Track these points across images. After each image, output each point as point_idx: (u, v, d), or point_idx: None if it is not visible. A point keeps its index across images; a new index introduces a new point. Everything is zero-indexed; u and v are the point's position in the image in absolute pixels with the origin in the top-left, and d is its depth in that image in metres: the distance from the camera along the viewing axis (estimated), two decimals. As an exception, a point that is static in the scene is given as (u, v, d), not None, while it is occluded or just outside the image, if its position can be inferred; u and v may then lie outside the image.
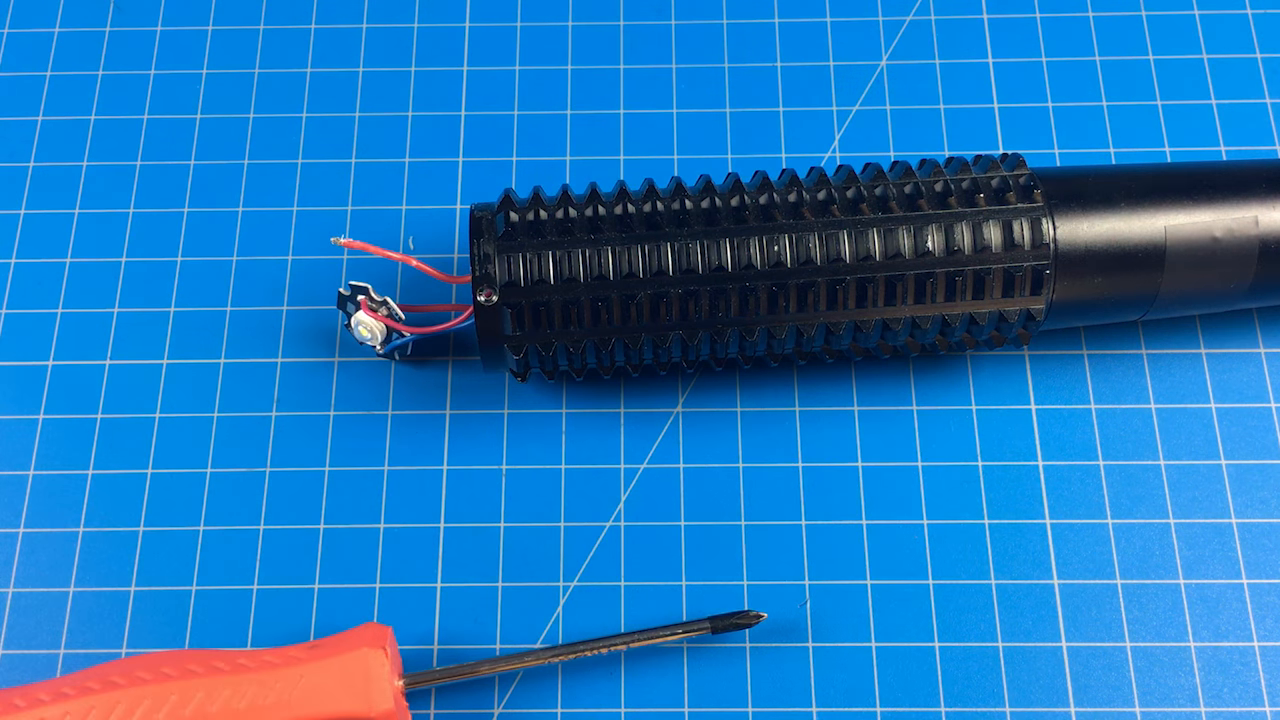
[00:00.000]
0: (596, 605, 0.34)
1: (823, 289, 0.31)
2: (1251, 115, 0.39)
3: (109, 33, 0.41)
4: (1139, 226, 0.32)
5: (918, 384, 0.36)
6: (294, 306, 0.37)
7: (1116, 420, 0.36)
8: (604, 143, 0.39)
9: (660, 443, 0.36)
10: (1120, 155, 0.39)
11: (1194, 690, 0.33)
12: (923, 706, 0.33)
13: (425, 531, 0.35)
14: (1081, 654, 0.33)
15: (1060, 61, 0.40)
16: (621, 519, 0.35)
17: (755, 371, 0.36)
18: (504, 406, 0.36)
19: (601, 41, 0.41)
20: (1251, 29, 0.41)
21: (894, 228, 0.32)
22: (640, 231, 0.31)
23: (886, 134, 0.39)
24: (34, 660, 0.33)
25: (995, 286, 0.32)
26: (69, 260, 0.38)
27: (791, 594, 0.34)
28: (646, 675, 0.33)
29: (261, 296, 0.37)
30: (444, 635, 0.34)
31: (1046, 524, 0.35)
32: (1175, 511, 0.35)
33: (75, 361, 0.37)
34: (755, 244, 0.31)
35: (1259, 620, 0.34)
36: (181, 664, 0.30)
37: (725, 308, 0.32)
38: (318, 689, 0.30)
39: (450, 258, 0.38)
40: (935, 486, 0.35)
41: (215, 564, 0.34)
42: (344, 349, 0.37)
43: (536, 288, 0.31)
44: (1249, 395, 0.36)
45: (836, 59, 0.40)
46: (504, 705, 0.33)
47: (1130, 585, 0.34)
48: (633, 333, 0.32)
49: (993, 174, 0.33)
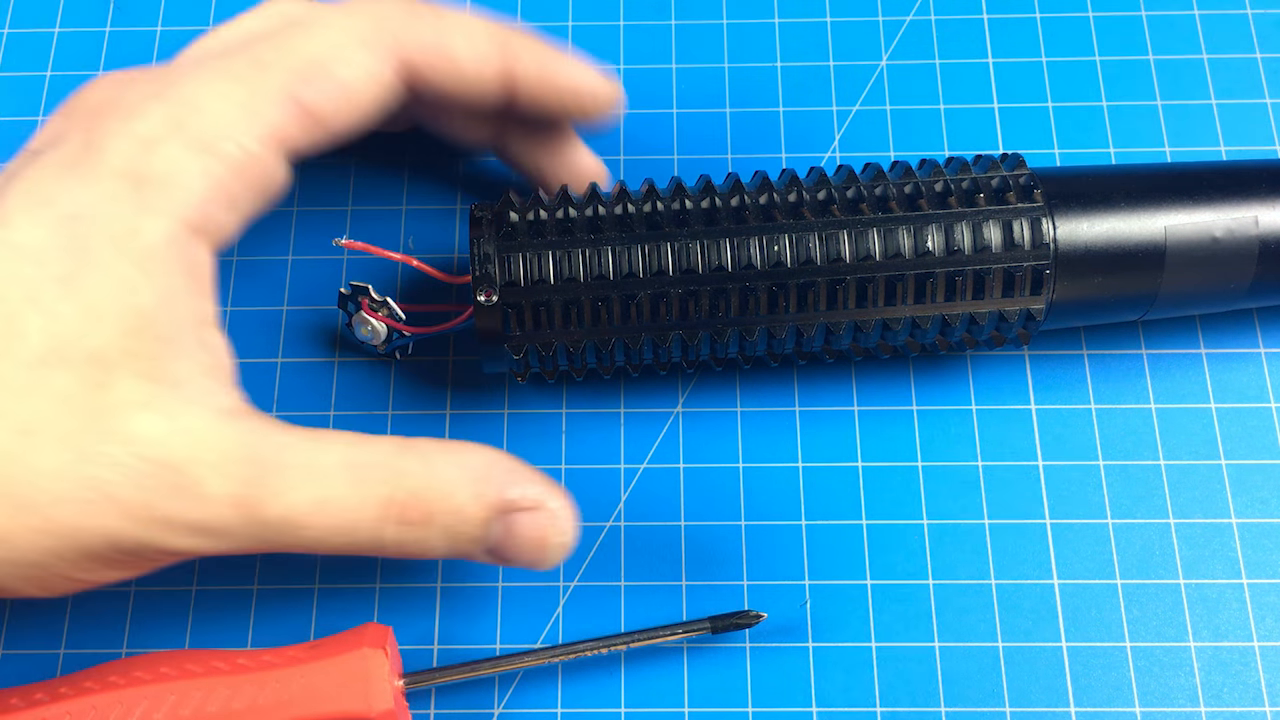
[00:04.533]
0: (596, 605, 0.34)
1: (823, 289, 0.31)
2: (1251, 115, 0.39)
3: (109, 33, 0.41)
4: (1139, 226, 0.32)
5: (918, 384, 0.36)
6: (294, 306, 0.37)
7: (1116, 420, 0.36)
8: (604, 143, 0.39)
9: (660, 443, 0.36)
10: (1120, 155, 0.39)
11: (1194, 690, 0.33)
12: (923, 706, 0.33)
13: (425, 531, 0.35)
14: (1081, 654, 0.33)
15: (1060, 61, 0.40)
16: (621, 519, 0.35)
17: (755, 371, 0.36)
18: (504, 406, 0.36)
19: (602, 41, 0.41)
20: (1251, 29, 0.41)
21: (894, 228, 0.32)
22: (640, 231, 0.31)
23: (886, 134, 0.39)
24: (34, 660, 0.33)
25: (995, 286, 0.32)
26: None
27: (791, 594, 0.34)
28: (646, 675, 0.33)
29: (261, 296, 0.37)
30: (444, 635, 0.34)
31: (1046, 524, 0.35)
32: (1175, 511, 0.35)
33: (75, 361, 0.37)
34: (755, 244, 0.31)
35: (1259, 620, 0.34)
36: (180, 664, 0.30)
37: (725, 308, 0.32)
38: (317, 689, 0.30)
39: (450, 258, 0.38)
40: (935, 486, 0.35)
41: (215, 564, 0.34)
42: (344, 349, 0.37)
43: (536, 287, 0.31)
44: (1249, 395, 0.36)
45: (836, 59, 0.40)
46: (504, 705, 0.33)
47: (1130, 585, 0.34)
48: (633, 333, 0.32)
49: (993, 174, 0.33)
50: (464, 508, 0.28)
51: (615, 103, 0.33)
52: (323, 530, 0.27)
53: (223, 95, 0.27)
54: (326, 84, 0.28)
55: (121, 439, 0.25)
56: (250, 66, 0.28)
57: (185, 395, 0.26)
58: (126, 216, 0.26)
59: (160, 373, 0.26)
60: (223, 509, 0.26)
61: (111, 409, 0.25)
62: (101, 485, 0.25)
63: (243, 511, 0.26)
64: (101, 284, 0.26)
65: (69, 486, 0.25)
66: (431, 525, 0.28)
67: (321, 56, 0.28)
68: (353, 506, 0.27)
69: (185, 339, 0.26)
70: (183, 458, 0.25)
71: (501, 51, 0.31)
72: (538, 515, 0.29)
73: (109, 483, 0.25)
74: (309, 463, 0.27)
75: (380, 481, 0.27)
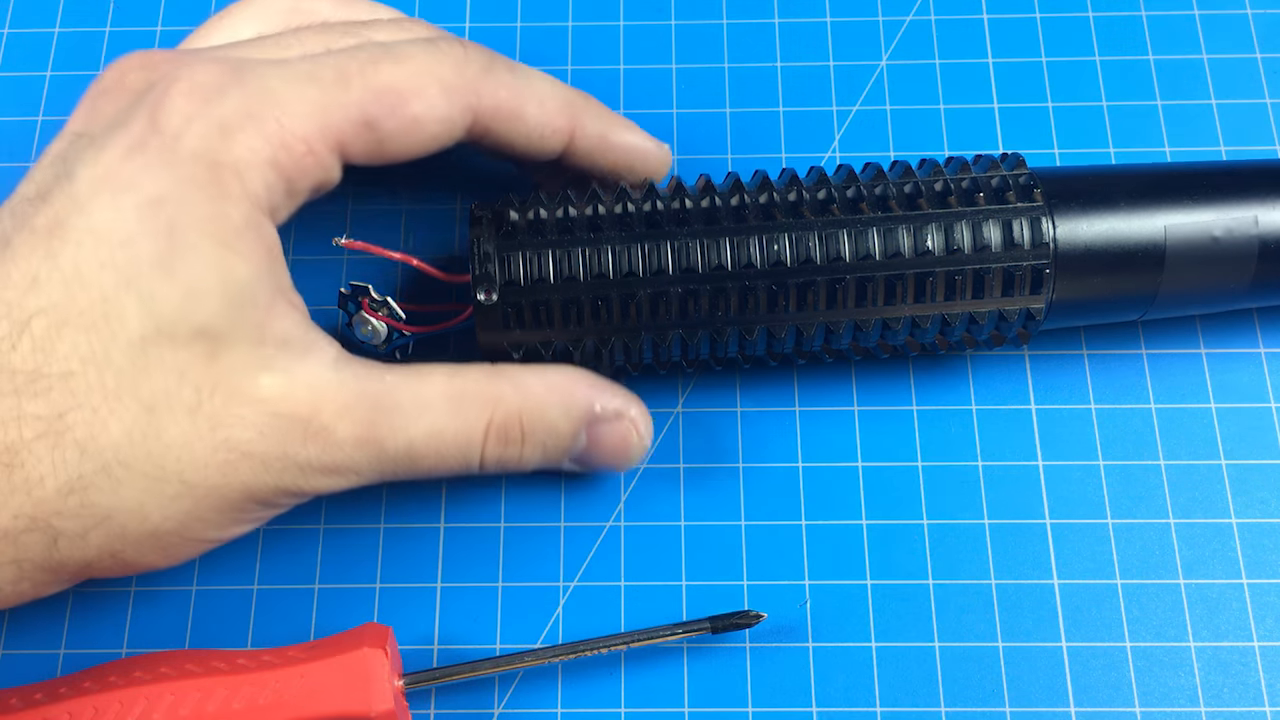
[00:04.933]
0: (596, 605, 0.34)
1: (822, 288, 0.31)
2: (1251, 115, 0.39)
3: (109, 33, 0.41)
4: (1139, 226, 0.32)
5: (918, 384, 0.36)
6: (294, 306, 0.37)
7: (1116, 420, 0.36)
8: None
9: (660, 443, 0.36)
10: (1120, 155, 0.39)
11: (1194, 690, 0.33)
12: (923, 706, 0.33)
13: (425, 531, 0.35)
14: (1081, 654, 0.33)
15: (1060, 61, 0.40)
16: (621, 519, 0.35)
17: (755, 371, 0.36)
18: (504, 406, 0.36)
19: (602, 41, 0.41)
20: (1251, 29, 0.41)
21: (894, 227, 0.32)
22: (640, 231, 0.31)
23: (886, 134, 0.39)
24: (34, 660, 0.33)
25: (995, 286, 0.32)
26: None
27: (791, 594, 0.34)
28: (646, 675, 0.33)
29: (261, 296, 0.37)
30: (444, 635, 0.34)
31: (1046, 524, 0.35)
32: (1175, 511, 0.35)
33: (75, 361, 0.37)
34: (755, 243, 0.31)
35: (1259, 620, 0.34)
36: (179, 664, 0.30)
37: (725, 307, 0.32)
38: (317, 689, 0.30)
39: (451, 257, 0.38)
40: (935, 486, 0.35)
41: (216, 564, 0.34)
42: (344, 349, 0.37)
43: (536, 286, 0.31)
44: (1249, 395, 0.36)
45: (836, 59, 0.40)
46: (504, 705, 0.33)
47: (1130, 585, 0.34)
48: (632, 332, 0.32)
49: (993, 173, 0.33)
50: (556, 424, 0.31)
51: (667, 168, 0.35)
52: (437, 457, 0.30)
53: (301, 96, 0.28)
54: (399, 114, 0.30)
55: (249, 400, 0.27)
56: (334, 76, 0.29)
57: (296, 352, 0.28)
58: (210, 201, 0.27)
59: (268, 337, 0.28)
60: (351, 450, 0.28)
61: (232, 375, 0.27)
62: (238, 445, 0.27)
63: (368, 450, 0.29)
64: (197, 265, 0.27)
65: (205, 451, 0.27)
66: (528, 442, 0.31)
67: (401, 87, 0.30)
68: (461, 432, 0.30)
69: (280, 304, 0.28)
70: (309, 408, 0.28)
71: (569, 115, 0.33)
72: (620, 424, 0.32)
73: (246, 441, 0.27)
74: (416, 398, 0.29)
75: (480, 407, 0.30)
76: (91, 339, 0.26)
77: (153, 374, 0.26)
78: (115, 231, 0.26)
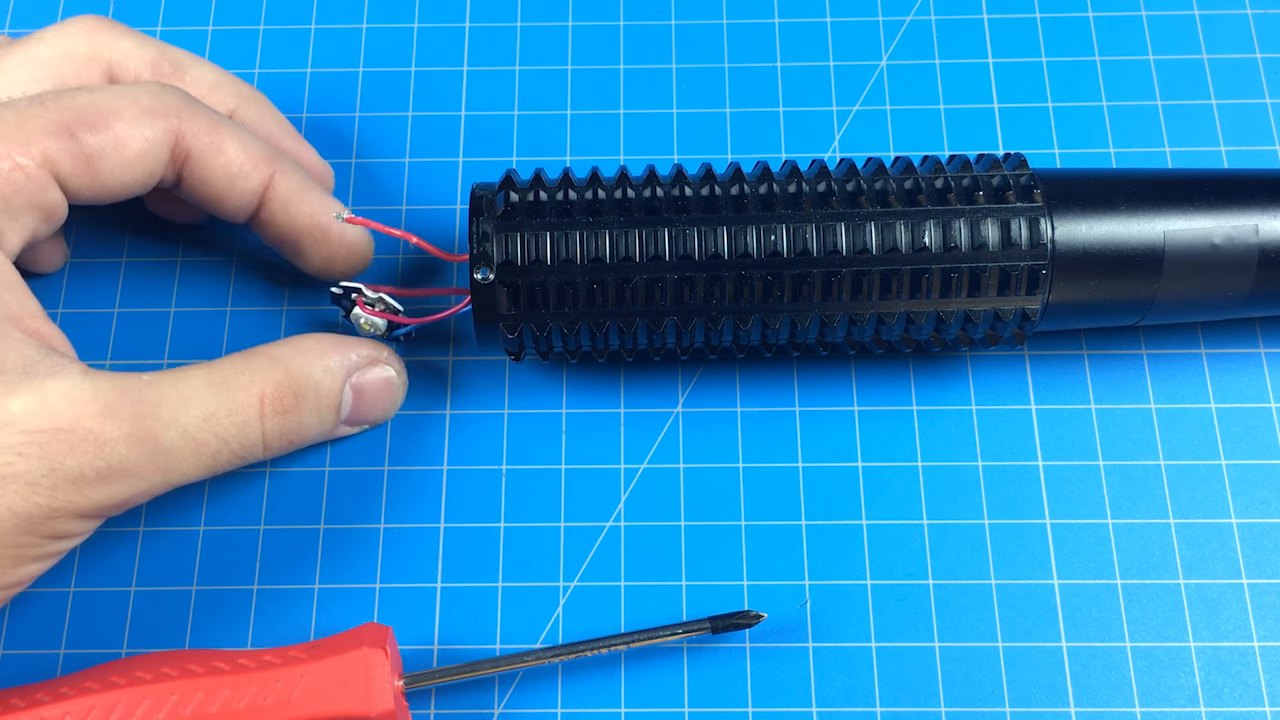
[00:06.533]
0: (596, 605, 0.34)
1: (818, 280, 0.31)
2: (1251, 115, 0.39)
3: (109, 33, 0.41)
4: (1138, 230, 0.32)
5: (917, 384, 0.36)
6: (294, 306, 0.37)
7: (1116, 420, 0.36)
8: (604, 143, 0.39)
9: (660, 443, 0.36)
10: (1120, 155, 0.39)
11: (1194, 690, 0.33)
12: (923, 706, 0.33)
13: (425, 531, 0.35)
14: (1081, 654, 0.33)
15: (1060, 61, 0.40)
16: (621, 519, 0.35)
17: (755, 371, 0.36)
18: (504, 406, 0.36)
19: (601, 41, 0.41)
20: (1251, 29, 0.41)
21: (892, 222, 0.32)
22: (638, 216, 0.31)
23: (886, 134, 0.39)
24: (34, 660, 0.33)
25: (991, 284, 0.32)
26: (69, 261, 0.38)
27: (791, 594, 0.34)
28: (646, 675, 0.33)
29: (261, 297, 0.37)
30: (444, 635, 0.34)
31: (1046, 524, 0.35)
32: (1175, 511, 0.35)
33: (76, 362, 0.37)
34: (752, 233, 0.31)
35: (1259, 620, 0.34)
36: (181, 664, 0.30)
37: (720, 295, 0.32)
38: (317, 689, 0.30)
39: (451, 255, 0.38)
40: (935, 486, 0.35)
41: (215, 564, 0.34)
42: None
43: (533, 268, 0.31)
44: (1249, 395, 0.36)
45: (836, 59, 0.40)
46: (504, 705, 0.33)
47: (1130, 585, 0.34)
48: (627, 316, 0.32)
49: (993, 173, 0.33)
50: (321, 382, 0.32)
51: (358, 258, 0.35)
52: (219, 442, 0.29)
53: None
54: (101, 131, 0.30)
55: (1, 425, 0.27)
56: (28, 102, 0.30)
57: (41, 373, 0.28)
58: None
59: (7, 366, 0.27)
60: (124, 449, 0.28)
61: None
62: None
63: (143, 446, 0.28)
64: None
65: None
66: (303, 407, 0.31)
67: (99, 107, 0.30)
68: (235, 410, 0.30)
69: (12, 332, 0.28)
70: (70, 418, 0.27)
71: (270, 163, 0.33)
72: (376, 368, 0.33)
73: (4, 464, 0.27)
74: (180, 389, 0.29)
75: (247, 383, 0.30)
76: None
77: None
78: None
